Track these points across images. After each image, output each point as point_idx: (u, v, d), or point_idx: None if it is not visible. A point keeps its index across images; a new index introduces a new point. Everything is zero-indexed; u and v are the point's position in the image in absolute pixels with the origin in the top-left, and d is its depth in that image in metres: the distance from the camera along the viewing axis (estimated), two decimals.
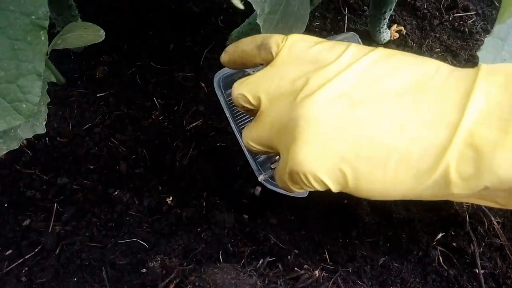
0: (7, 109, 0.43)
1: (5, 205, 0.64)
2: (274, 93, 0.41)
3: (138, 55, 0.85)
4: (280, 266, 0.52)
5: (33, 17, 0.42)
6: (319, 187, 0.39)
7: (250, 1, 0.56)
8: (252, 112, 0.45)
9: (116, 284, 0.56)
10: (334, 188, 0.39)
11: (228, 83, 0.64)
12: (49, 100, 0.54)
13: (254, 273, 0.49)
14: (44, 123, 0.53)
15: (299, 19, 0.65)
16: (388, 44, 0.92)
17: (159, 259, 0.52)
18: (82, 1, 0.90)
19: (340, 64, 0.39)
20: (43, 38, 0.44)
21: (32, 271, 0.57)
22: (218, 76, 0.62)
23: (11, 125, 0.44)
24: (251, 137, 0.44)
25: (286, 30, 0.65)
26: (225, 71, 0.62)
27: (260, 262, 0.52)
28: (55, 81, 0.59)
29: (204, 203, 0.69)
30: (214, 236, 0.64)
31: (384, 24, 0.89)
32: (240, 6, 0.33)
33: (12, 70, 0.43)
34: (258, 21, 0.58)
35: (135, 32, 0.88)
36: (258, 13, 0.57)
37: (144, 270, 0.56)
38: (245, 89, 0.43)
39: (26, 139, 0.70)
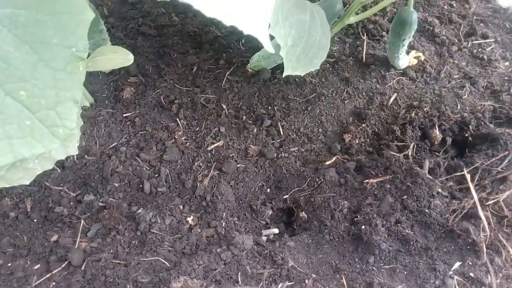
0: (45, 134, 0.46)
1: (35, 220, 0.67)
2: None
3: (163, 77, 0.88)
4: None
5: (74, 49, 0.45)
6: None
7: (274, 35, 0.58)
8: None
9: None
10: None
11: None
12: (82, 123, 0.57)
13: None
14: (76, 145, 0.56)
15: (320, 49, 0.68)
16: (406, 70, 0.94)
17: (182, 280, 0.54)
18: (111, 25, 0.95)
19: None
20: (81, 68, 0.47)
21: (59, 286, 0.60)
22: None
23: (48, 149, 0.46)
24: None
25: (308, 60, 0.67)
26: None
27: (279, 286, 0.53)
28: (88, 105, 0.61)
29: (224, 223, 0.71)
30: (233, 257, 0.65)
31: (403, 51, 0.90)
32: (272, 50, 0.35)
33: (52, 98, 0.46)
34: (281, 53, 0.60)
35: (160, 55, 0.92)
36: (281, 46, 0.60)
37: (173, 286, 0.58)
38: None
39: None
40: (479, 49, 0.99)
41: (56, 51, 0.44)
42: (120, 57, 0.73)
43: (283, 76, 0.62)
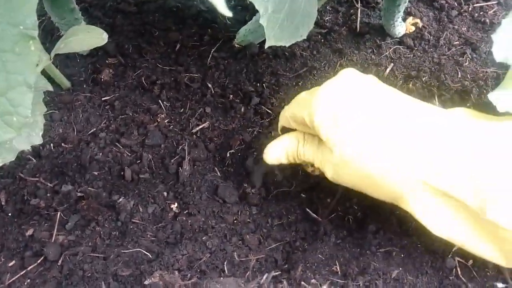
0: None
1: (9, 214, 0.63)
2: None
3: (143, 57, 0.83)
4: (285, 282, 0.50)
5: (21, 27, 0.41)
6: None
7: (252, 0, 0.53)
8: None
9: None
10: None
11: None
12: (46, 109, 0.53)
13: None
14: (40, 133, 0.52)
15: (306, 16, 0.62)
16: (403, 38, 0.88)
17: (157, 275, 0.50)
18: (88, 4, 0.89)
19: None
20: (32, 48, 0.42)
21: (34, 283, 0.56)
22: None
23: (2, 139, 0.42)
24: None
25: (293, 28, 0.62)
26: None
27: (265, 277, 0.50)
28: (52, 90, 0.57)
29: (210, 209, 0.67)
30: (220, 245, 0.62)
31: (399, 17, 0.84)
32: (228, 13, 0.30)
33: (0, 83, 0.41)
34: (261, 21, 0.55)
35: (141, 33, 0.87)
36: (261, 13, 0.54)
37: (146, 282, 0.55)
38: None
39: (31, 146, 0.69)
40: (481, 13, 0.93)
41: (0, 30, 0.40)
42: (93, 37, 0.68)
43: (266, 47, 0.57)
